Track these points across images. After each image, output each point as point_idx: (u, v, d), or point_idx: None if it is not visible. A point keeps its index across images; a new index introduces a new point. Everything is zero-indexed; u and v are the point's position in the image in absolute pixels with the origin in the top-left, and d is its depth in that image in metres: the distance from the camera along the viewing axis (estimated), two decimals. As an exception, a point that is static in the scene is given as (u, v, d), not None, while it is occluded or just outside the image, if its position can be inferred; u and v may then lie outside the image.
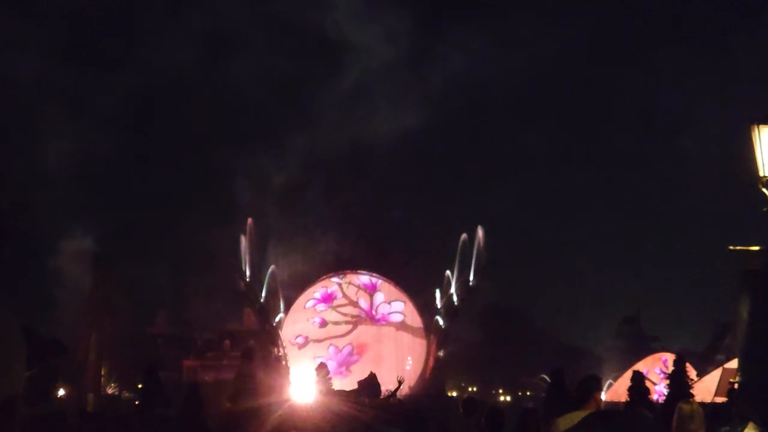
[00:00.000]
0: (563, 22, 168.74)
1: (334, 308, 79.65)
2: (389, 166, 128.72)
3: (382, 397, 16.15)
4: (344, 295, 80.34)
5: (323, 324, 79.19)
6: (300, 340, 78.43)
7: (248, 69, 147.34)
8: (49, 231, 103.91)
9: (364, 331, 79.34)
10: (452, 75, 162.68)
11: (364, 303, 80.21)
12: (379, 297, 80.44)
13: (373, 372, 15.38)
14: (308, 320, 79.19)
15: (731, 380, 45.17)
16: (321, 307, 79.97)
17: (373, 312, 79.88)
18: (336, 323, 79.36)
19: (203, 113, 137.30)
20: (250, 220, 76.84)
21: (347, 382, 45.72)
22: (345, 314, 79.77)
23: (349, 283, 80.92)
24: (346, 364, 75.90)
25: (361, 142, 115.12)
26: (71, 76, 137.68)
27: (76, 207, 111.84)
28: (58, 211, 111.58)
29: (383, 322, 79.89)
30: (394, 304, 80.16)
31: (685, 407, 10.60)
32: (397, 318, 79.99)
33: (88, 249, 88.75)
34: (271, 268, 78.03)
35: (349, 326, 79.37)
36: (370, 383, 14.30)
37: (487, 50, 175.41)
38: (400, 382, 17.53)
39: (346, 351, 77.00)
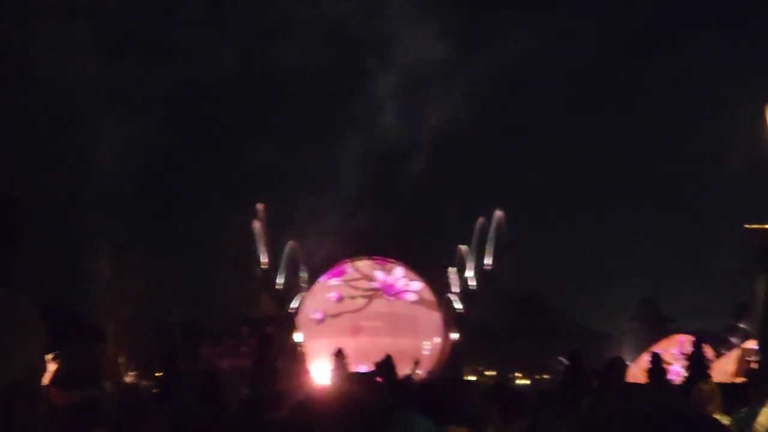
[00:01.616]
0: (600, 12, 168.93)
1: (347, 282, 79.72)
2: (418, 156, 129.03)
3: (398, 379, 16.17)
4: (356, 270, 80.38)
5: (340, 299, 79.31)
6: (318, 315, 78.61)
7: (292, 63, 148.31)
8: (71, 221, 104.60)
9: (380, 306, 79.44)
10: (489, 64, 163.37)
11: (381, 275, 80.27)
12: (398, 272, 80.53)
13: (389, 354, 15.35)
14: (325, 295, 79.32)
15: (749, 359, 45.07)
16: (334, 281, 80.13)
17: (389, 284, 79.96)
18: (352, 298, 79.44)
19: (244, 107, 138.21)
20: (260, 206, 76.86)
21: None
22: (358, 288, 79.90)
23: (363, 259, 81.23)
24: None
25: (392, 133, 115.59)
26: (108, 72, 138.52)
27: (97, 198, 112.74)
28: (80, 203, 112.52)
29: (396, 297, 80.00)
30: (413, 283, 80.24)
31: (705, 388, 10.55)
32: (412, 297, 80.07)
33: (108, 239, 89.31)
34: (290, 243, 78.22)
35: (365, 300, 79.45)
36: (387, 365, 14.26)
37: (522, 40, 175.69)
38: (416, 364, 17.48)
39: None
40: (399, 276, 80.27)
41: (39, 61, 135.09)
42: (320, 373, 50.77)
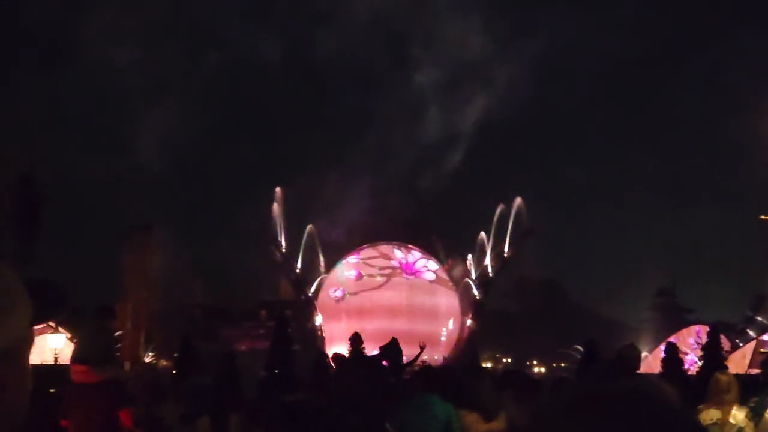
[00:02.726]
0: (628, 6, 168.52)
1: (364, 260, 79.89)
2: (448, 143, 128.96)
3: (404, 362, 16.20)
4: (374, 248, 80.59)
5: (359, 277, 79.59)
6: (338, 293, 78.90)
7: (328, 52, 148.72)
8: (90, 203, 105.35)
9: (399, 285, 79.68)
10: (515, 57, 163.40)
11: (399, 254, 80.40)
12: (417, 252, 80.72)
13: (395, 337, 15.38)
14: (344, 273, 79.58)
15: (762, 350, 45.02)
16: (352, 259, 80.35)
17: (408, 264, 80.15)
18: (371, 276, 79.69)
19: (277, 94, 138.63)
20: (278, 190, 76.95)
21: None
22: (375, 266, 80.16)
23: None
24: None
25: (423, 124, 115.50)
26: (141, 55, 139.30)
27: (125, 179, 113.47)
28: (108, 183, 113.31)
29: (415, 276, 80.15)
30: (431, 263, 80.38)
31: (723, 378, 10.58)
32: (430, 276, 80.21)
33: (131, 220, 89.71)
34: (309, 227, 78.38)
35: (383, 279, 79.68)
36: (392, 349, 14.25)
37: (545, 35, 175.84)
38: (422, 348, 17.44)
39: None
40: (418, 256, 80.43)
41: (78, 43, 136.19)
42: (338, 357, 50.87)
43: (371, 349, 37.05)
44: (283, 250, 77.04)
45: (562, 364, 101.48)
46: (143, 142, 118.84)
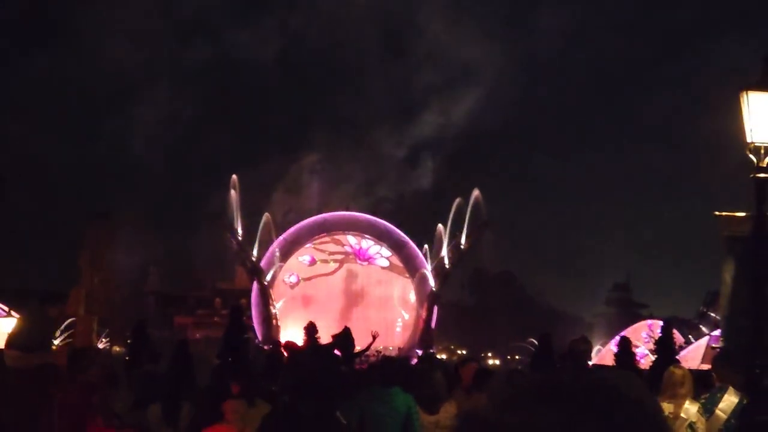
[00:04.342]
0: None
1: (316, 246, 79.79)
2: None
3: (355, 352, 16.21)
4: (327, 234, 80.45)
5: (312, 262, 79.51)
6: (293, 279, 78.80)
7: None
8: (47, 189, 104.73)
9: (352, 270, 79.73)
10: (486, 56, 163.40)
11: (353, 240, 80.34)
12: (369, 240, 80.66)
13: (348, 326, 15.38)
14: (298, 258, 79.39)
15: (713, 346, 45.35)
16: (306, 245, 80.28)
17: (362, 250, 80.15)
18: (324, 261, 79.71)
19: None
20: (234, 177, 76.53)
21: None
22: (325, 251, 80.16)
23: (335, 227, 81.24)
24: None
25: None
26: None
27: (91, 167, 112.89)
28: (59, 169, 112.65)
29: (368, 263, 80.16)
30: (383, 249, 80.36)
31: (677, 371, 10.62)
32: (384, 263, 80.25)
33: (90, 207, 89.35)
34: (265, 216, 78.03)
35: (336, 264, 79.75)
36: (344, 338, 14.25)
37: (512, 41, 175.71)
38: (374, 337, 17.44)
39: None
40: (371, 243, 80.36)
41: (52, 26, 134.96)
42: (289, 345, 50.58)
43: (324, 338, 37.01)
44: (240, 238, 76.58)
45: (517, 357, 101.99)
46: (110, 130, 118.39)
